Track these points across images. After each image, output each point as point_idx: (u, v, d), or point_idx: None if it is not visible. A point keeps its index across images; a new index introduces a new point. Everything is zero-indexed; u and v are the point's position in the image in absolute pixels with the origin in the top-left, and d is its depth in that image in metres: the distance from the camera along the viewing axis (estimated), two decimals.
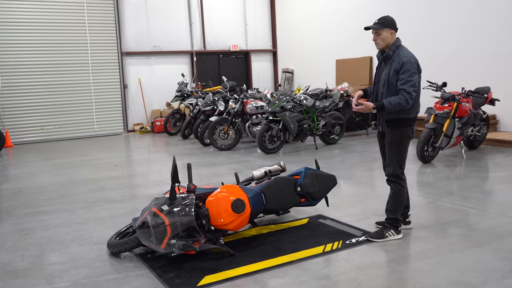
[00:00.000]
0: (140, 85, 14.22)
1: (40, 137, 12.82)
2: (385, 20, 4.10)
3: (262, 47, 16.31)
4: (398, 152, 4.12)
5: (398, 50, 4.08)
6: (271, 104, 9.07)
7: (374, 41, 4.14)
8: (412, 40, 11.31)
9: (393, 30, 4.09)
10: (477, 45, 9.89)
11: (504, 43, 9.34)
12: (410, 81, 3.93)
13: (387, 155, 4.20)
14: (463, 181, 6.20)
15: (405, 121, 4.09)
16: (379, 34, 4.09)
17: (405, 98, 3.91)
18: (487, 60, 9.70)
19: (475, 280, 3.30)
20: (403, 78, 3.95)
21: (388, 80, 4.05)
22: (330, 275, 3.51)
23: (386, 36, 4.08)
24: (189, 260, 3.89)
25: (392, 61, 4.06)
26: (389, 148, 4.15)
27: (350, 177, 6.81)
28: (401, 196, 4.18)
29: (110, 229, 4.84)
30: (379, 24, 4.09)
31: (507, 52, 9.29)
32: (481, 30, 9.79)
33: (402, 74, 3.96)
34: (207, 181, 6.80)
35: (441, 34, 10.64)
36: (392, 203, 4.21)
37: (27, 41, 12.49)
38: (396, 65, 4.00)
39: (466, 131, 7.75)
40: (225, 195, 4.04)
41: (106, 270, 3.80)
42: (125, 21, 13.85)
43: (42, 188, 6.96)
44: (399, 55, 4.03)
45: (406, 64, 3.95)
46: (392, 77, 4.02)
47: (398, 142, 4.10)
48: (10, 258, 4.17)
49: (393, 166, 4.14)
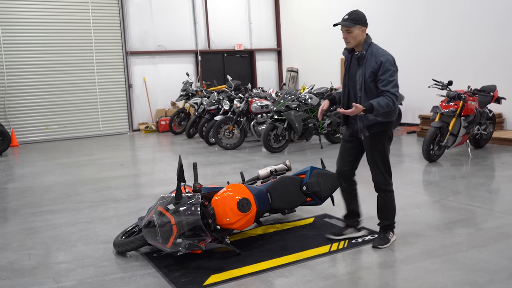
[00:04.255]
0: (145, 85, 14.24)
1: (46, 136, 12.86)
2: (357, 15, 3.78)
3: (267, 46, 16.30)
4: (383, 159, 3.93)
5: (371, 48, 3.80)
6: (276, 103, 9.07)
7: (344, 39, 3.83)
8: (417, 37, 11.27)
9: (365, 27, 3.80)
10: (483, 43, 9.84)
11: (511, 41, 9.29)
12: (392, 82, 3.70)
13: (371, 164, 3.97)
14: (469, 180, 6.17)
15: (387, 124, 3.88)
16: (350, 32, 3.78)
17: (391, 99, 3.69)
18: (493, 58, 9.65)
19: (481, 279, 3.28)
20: (385, 79, 3.71)
21: (364, 82, 3.79)
22: (336, 275, 3.50)
23: (357, 34, 3.78)
24: (195, 259, 3.89)
25: (366, 61, 3.79)
26: (373, 156, 3.92)
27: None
28: (393, 201, 4.03)
29: (116, 228, 4.85)
30: (350, 20, 3.76)
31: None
32: (487, 28, 9.74)
33: (382, 75, 3.71)
34: (213, 181, 6.80)
35: (446, 32, 10.59)
36: (386, 210, 4.03)
37: (32, 41, 12.53)
38: (372, 65, 3.74)
39: (472, 129, 7.72)
40: (231, 194, 4.04)
41: (112, 269, 3.81)
42: (130, 20, 13.87)
43: (48, 188, 6.99)
44: (374, 54, 3.77)
45: (385, 64, 3.71)
46: (368, 78, 3.77)
47: (382, 148, 3.90)
48: (16, 257, 4.19)
49: (381, 174, 3.94)
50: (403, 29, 11.67)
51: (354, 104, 3.70)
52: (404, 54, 11.70)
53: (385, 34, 12.18)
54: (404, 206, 5.12)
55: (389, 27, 12.02)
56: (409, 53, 11.55)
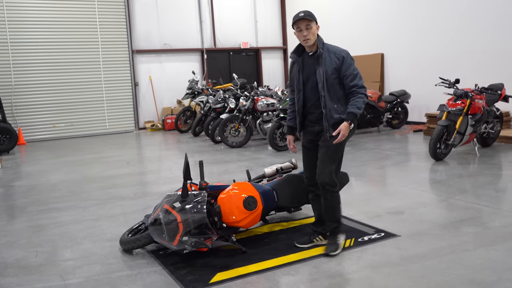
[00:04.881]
0: (151, 83, 14.27)
1: (52, 134, 12.92)
2: (311, 13, 3.74)
3: (273, 44, 16.28)
4: (340, 159, 3.89)
5: (325, 46, 3.77)
6: (282, 102, 9.06)
7: (303, 37, 3.70)
8: (423, 34, 11.22)
9: (318, 25, 3.80)
10: (492, 41, 9.77)
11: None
12: (357, 75, 3.68)
13: (323, 162, 3.77)
14: (476, 179, 6.14)
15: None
16: (310, 27, 3.70)
17: (363, 94, 3.67)
18: (501, 57, 9.58)
19: (489, 279, 3.26)
20: (350, 74, 3.67)
21: (326, 80, 3.70)
22: (343, 273, 3.49)
23: (315, 31, 3.74)
24: (201, 257, 3.90)
25: (324, 59, 3.71)
26: (330, 154, 3.77)
27: (362, 174, 6.77)
28: (339, 203, 3.90)
29: (122, 226, 4.86)
30: (309, 16, 3.69)
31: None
32: (496, 26, 9.67)
33: (347, 70, 3.67)
34: (219, 179, 6.81)
35: (453, 29, 10.53)
36: (333, 213, 3.88)
37: (38, 40, 12.59)
38: (334, 62, 3.69)
39: (479, 128, 7.67)
40: (237, 192, 4.04)
41: (118, 267, 3.82)
42: (136, 19, 13.90)
43: (54, 185, 7.02)
44: (332, 51, 3.73)
45: (346, 59, 3.68)
46: (332, 76, 3.69)
47: (341, 146, 3.84)
48: (24, 254, 4.21)
49: (331, 174, 3.76)
50: (408, 26, 11.61)
51: (341, 127, 3.65)
52: (410, 52, 11.67)
53: (390, 31, 12.14)
54: (410, 205, 5.11)
55: (394, 24, 11.97)
56: (415, 51, 11.50)
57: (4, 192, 6.77)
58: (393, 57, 12.23)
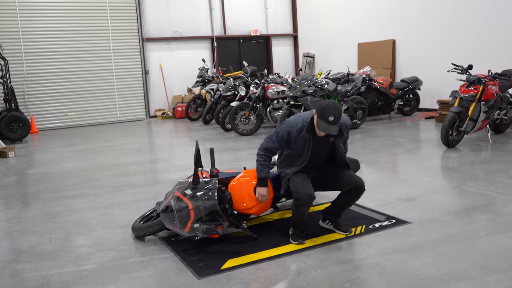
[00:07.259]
0: (161, 71, 14.28)
1: (64, 123, 13.03)
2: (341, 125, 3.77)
3: (283, 31, 16.17)
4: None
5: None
6: (292, 89, 9.02)
7: (322, 135, 3.72)
8: (437, 21, 11.06)
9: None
10: (505, 26, 9.61)
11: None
12: (346, 140, 4.07)
13: (347, 171, 3.96)
14: (489, 166, 6.08)
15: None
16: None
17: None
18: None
19: (501, 265, 3.24)
20: (347, 137, 4.08)
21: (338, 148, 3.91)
22: (353, 260, 3.50)
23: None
24: (213, 243, 3.92)
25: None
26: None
27: (373, 161, 6.75)
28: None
29: (134, 213, 4.91)
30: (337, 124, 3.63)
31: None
32: (508, 11, 9.50)
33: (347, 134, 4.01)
34: (229, 166, 6.82)
35: (466, 15, 10.37)
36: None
37: (49, 28, 12.63)
38: (345, 132, 3.92)
39: (492, 114, 7.57)
40: (247, 179, 4.05)
41: (131, 253, 3.86)
42: (146, 7, 13.87)
43: (67, 173, 7.09)
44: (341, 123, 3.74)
45: (348, 125, 3.98)
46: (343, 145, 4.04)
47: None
48: (38, 240, 4.28)
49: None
50: (421, 12, 11.45)
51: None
52: (422, 38, 11.52)
53: (402, 17, 11.99)
54: (422, 192, 5.08)
55: (406, 9, 11.81)
56: (427, 37, 11.36)
57: (18, 180, 6.86)
58: (405, 43, 12.09)
